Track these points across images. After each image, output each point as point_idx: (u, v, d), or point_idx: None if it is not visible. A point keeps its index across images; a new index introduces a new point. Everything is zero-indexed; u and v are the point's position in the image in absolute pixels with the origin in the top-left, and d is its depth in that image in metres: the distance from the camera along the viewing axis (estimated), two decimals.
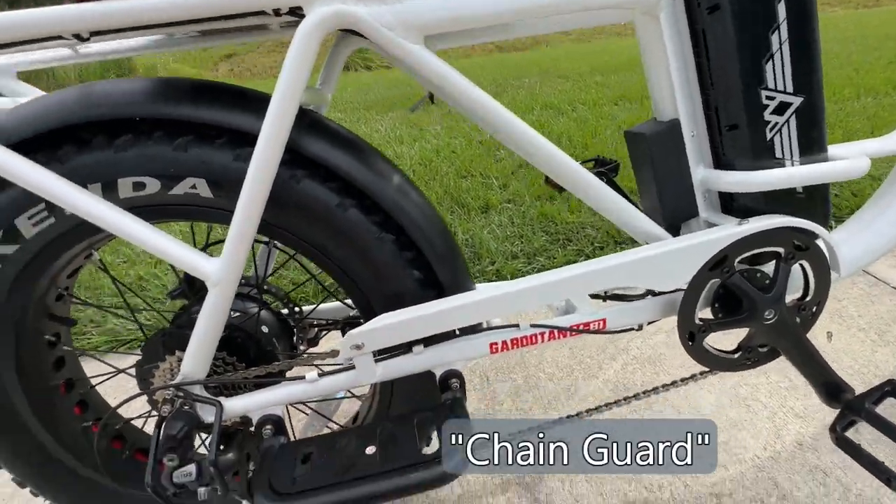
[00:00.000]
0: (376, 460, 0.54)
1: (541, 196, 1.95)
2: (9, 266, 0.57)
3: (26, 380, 0.65)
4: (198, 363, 0.58)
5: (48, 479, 0.70)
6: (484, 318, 0.61)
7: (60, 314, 0.68)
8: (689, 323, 0.66)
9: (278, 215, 0.57)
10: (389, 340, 0.59)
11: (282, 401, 0.60)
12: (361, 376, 0.61)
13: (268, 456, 0.58)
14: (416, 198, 0.63)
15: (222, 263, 0.53)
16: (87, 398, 0.74)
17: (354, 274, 0.62)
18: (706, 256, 0.62)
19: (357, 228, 0.60)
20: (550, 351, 1.22)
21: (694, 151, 0.64)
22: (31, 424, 0.67)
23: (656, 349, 1.18)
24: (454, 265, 0.65)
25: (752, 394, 1.02)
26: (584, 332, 0.67)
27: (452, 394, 0.63)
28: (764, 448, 0.90)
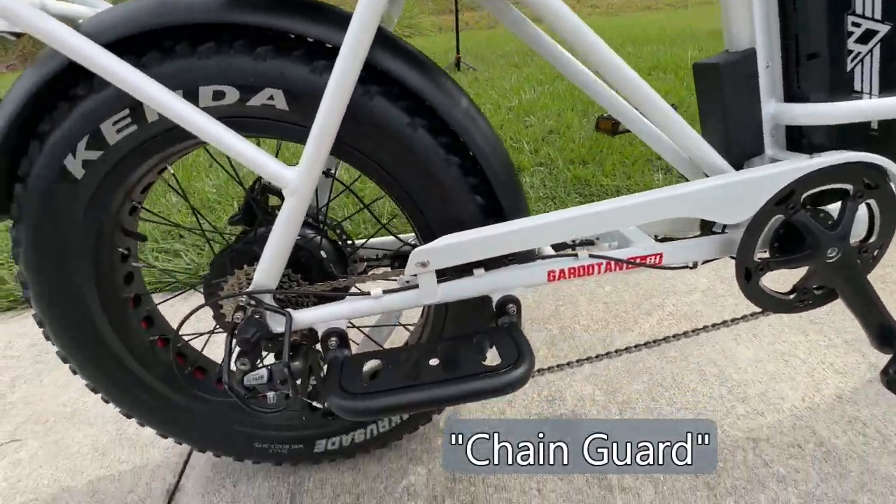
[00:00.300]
0: (440, 371, 0.57)
1: (573, 160, 1.93)
2: (92, 172, 0.59)
3: (103, 291, 0.68)
4: (270, 274, 0.60)
5: (119, 387, 0.74)
6: (544, 242, 0.62)
7: (132, 229, 0.70)
8: (747, 260, 0.66)
9: (350, 131, 0.58)
10: (453, 260, 0.60)
11: (347, 315, 0.63)
12: (423, 296, 0.62)
13: (334, 365, 0.60)
14: (483, 124, 0.63)
15: (300, 172, 0.54)
16: (152, 315, 0.78)
17: (418, 196, 0.63)
18: (773, 190, 0.61)
19: (425, 149, 0.60)
20: (585, 305, 1.23)
21: (767, 84, 0.63)
22: (106, 335, 0.70)
23: (693, 307, 1.18)
24: (516, 194, 0.65)
25: (790, 350, 1.02)
26: (641, 266, 0.67)
27: (509, 318, 0.65)
28: (802, 399, 0.91)
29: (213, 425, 0.80)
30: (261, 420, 0.80)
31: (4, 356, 1.30)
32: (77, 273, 0.65)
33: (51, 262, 0.64)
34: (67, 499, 0.88)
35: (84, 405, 1.09)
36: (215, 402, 0.79)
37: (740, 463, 0.81)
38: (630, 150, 1.97)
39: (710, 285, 1.25)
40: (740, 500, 0.75)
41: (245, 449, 0.82)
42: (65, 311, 0.67)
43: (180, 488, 0.87)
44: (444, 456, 0.74)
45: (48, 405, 1.11)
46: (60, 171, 0.58)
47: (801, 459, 0.80)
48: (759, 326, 1.09)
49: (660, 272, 1.32)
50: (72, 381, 1.17)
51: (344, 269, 0.79)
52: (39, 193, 0.59)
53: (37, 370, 1.23)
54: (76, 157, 0.58)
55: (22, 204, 0.60)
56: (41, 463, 0.96)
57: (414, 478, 0.84)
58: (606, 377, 1.00)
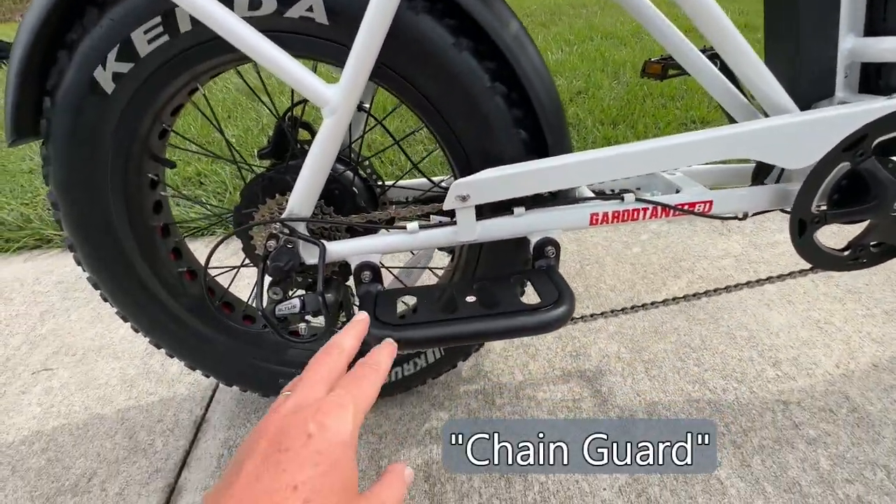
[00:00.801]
0: (479, 307, 0.55)
1: (603, 121, 1.85)
2: (123, 87, 0.57)
3: (132, 217, 0.67)
4: (304, 201, 0.58)
5: (148, 315, 0.74)
6: (592, 179, 0.58)
7: (161, 154, 0.69)
8: (804, 211, 0.62)
9: (391, 51, 0.54)
10: (495, 194, 0.58)
11: (381, 248, 0.61)
12: (461, 233, 0.60)
13: (367, 298, 0.59)
14: (533, 51, 0.59)
15: (340, 90, 0.51)
16: (180, 247, 0.77)
17: (459, 127, 0.60)
18: (844, 133, 0.57)
19: (469, 73, 0.57)
20: (612, 265, 1.20)
21: (848, 16, 0.58)
22: (136, 262, 0.70)
23: (724, 271, 1.14)
24: (562, 129, 0.62)
25: (826, 318, 0.99)
26: (689, 214, 0.64)
27: (547, 261, 0.63)
28: (836, 366, 0.88)
29: (240, 360, 0.80)
30: (285, 357, 0.80)
31: (33, 291, 1.33)
32: (106, 195, 0.64)
33: (80, 183, 0.63)
34: (98, 425, 0.91)
35: (111, 340, 1.11)
36: (242, 336, 0.79)
37: (769, 423, 0.79)
38: (663, 114, 1.88)
39: (742, 251, 1.21)
40: (768, 459, 0.74)
41: (270, 385, 0.82)
42: (94, 236, 0.67)
43: (207, 420, 0.89)
44: (443, 456, 0.76)
45: (77, 338, 1.13)
46: (90, 84, 0.56)
47: (832, 423, 0.78)
48: (793, 293, 1.05)
49: (691, 232, 1.28)
50: (99, 316, 1.19)
51: (374, 208, 0.77)
52: (68, 108, 0.57)
53: (65, 306, 1.25)
54: (106, 68, 0.55)
55: (51, 119, 0.59)
56: (72, 391, 0.99)
57: (436, 422, 0.85)
58: (632, 335, 0.98)
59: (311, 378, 0.34)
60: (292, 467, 0.28)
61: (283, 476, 0.27)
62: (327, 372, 0.35)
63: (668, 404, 0.84)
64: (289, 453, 0.28)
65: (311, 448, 0.29)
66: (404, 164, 1.68)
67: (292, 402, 0.32)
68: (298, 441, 0.29)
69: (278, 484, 0.27)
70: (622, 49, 2.82)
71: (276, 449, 0.29)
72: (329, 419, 0.30)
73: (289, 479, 0.27)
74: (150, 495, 0.77)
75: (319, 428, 0.30)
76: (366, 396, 0.34)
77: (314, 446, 0.29)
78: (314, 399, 0.32)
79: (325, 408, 0.31)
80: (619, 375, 0.90)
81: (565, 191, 0.66)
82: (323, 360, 0.36)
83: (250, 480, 0.27)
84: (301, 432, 0.29)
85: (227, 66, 0.60)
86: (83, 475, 0.82)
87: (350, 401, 0.32)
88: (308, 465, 0.28)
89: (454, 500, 0.72)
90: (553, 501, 0.71)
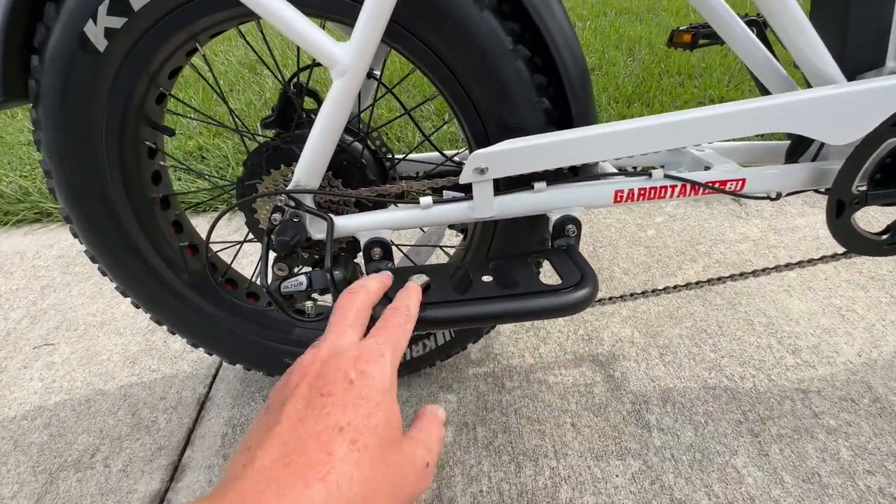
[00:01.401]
0: (496, 287, 0.52)
1: (618, 99, 1.79)
2: (117, 43, 0.52)
3: (129, 187, 0.64)
4: (311, 172, 0.54)
5: (148, 291, 0.71)
6: (618, 154, 0.54)
7: (159, 121, 0.65)
8: (844, 190, 0.58)
9: (406, 6, 0.50)
10: (515, 167, 0.54)
11: (391, 224, 0.57)
12: (478, 209, 0.57)
13: None
14: (560, 12, 0.54)
15: (351, 49, 0.47)
16: (181, 220, 0.74)
17: (476, 93, 0.55)
18: (894, 107, 0.52)
19: (490, 34, 0.52)
20: (626, 248, 1.16)
21: None
22: (134, 234, 0.67)
23: (742, 255, 1.11)
24: (588, 97, 0.57)
25: (848, 305, 0.95)
26: (719, 192, 0.60)
27: (567, 240, 0.59)
28: (858, 355, 0.85)
29: (243, 338, 0.78)
30: (289, 335, 0.78)
31: (34, 265, 1.30)
32: (101, 163, 0.60)
33: (73, 149, 0.59)
34: (101, 401, 0.89)
35: (112, 316, 1.09)
36: (245, 314, 0.77)
37: (787, 412, 0.77)
38: (680, 92, 1.81)
39: (761, 235, 1.17)
40: (786, 449, 0.72)
41: (274, 363, 0.80)
42: (89, 206, 0.63)
43: (210, 398, 0.88)
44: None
45: (78, 314, 1.11)
46: (80, 41, 0.52)
47: (853, 413, 0.76)
48: (814, 279, 1.02)
49: (708, 214, 1.24)
50: (100, 292, 1.17)
51: (383, 182, 0.73)
52: (58, 67, 0.53)
53: (65, 280, 1.23)
54: (97, 23, 0.51)
55: (40, 79, 0.55)
56: (74, 367, 0.97)
57: (444, 404, 0.83)
58: (646, 320, 0.95)
59: (340, 324, 0.35)
60: (336, 410, 0.28)
61: (328, 418, 0.27)
62: (354, 315, 0.36)
63: (683, 391, 0.81)
64: (332, 397, 0.29)
65: (353, 393, 0.29)
66: (411, 141, 1.63)
67: (327, 347, 0.32)
68: (340, 386, 0.29)
69: (323, 425, 0.27)
70: (637, 25, 2.71)
71: (318, 393, 0.29)
72: (369, 366, 0.31)
73: (333, 421, 0.27)
74: (154, 472, 0.76)
75: (360, 375, 0.30)
76: (400, 342, 0.35)
77: (356, 391, 0.29)
78: (349, 344, 0.33)
79: (364, 356, 0.31)
80: (633, 360, 0.87)
81: (587, 166, 0.62)
82: (349, 303, 0.37)
83: (293, 423, 0.27)
84: (342, 378, 0.30)
85: (227, 24, 0.56)
86: (86, 451, 0.81)
87: (388, 349, 0.32)
88: (351, 408, 0.28)
89: (462, 484, 0.71)
90: (564, 487, 0.69)
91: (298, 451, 0.26)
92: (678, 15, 2.86)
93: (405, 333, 0.36)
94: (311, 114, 0.67)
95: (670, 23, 2.65)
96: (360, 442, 0.27)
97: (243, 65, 2.47)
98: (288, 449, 0.26)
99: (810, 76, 0.56)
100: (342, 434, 0.27)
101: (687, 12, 2.95)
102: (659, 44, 2.33)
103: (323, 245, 0.61)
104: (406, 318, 0.37)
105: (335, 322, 0.35)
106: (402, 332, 0.36)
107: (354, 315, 0.36)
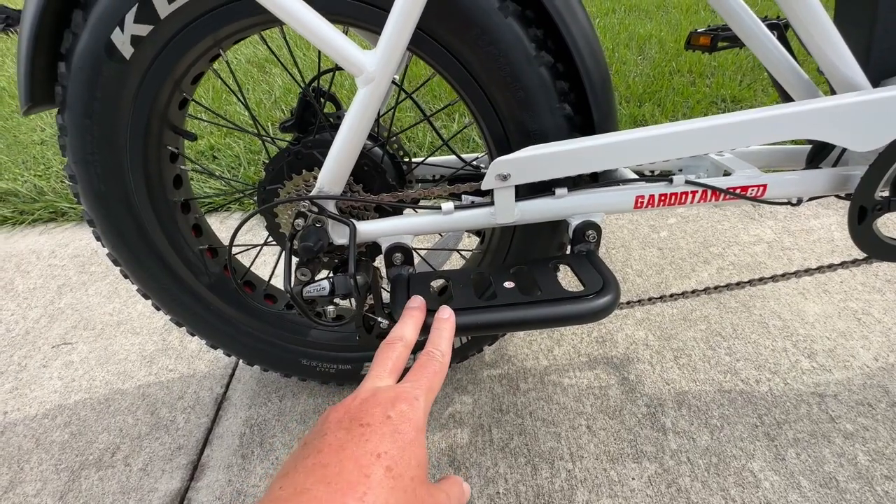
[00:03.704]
0: (518, 294, 0.52)
1: (628, 99, 1.78)
2: (143, 50, 0.53)
3: (152, 191, 0.64)
4: (334, 178, 0.55)
5: (169, 293, 0.72)
6: (641, 160, 0.54)
7: (181, 126, 0.65)
8: (866, 196, 0.58)
9: (431, 13, 0.50)
10: (538, 174, 0.54)
11: (413, 230, 0.58)
12: (499, 214, 0.57)
13: (399, 282, 0.56)
14: (583, 17, 0.54)
15: (377, 57, 0.47)
16: (200, 223, 0.74)
17: (498, 99, 0.55)
18: None
19: (513, 41, 0.52)
20: (638, 249, 1.16)
21: None
22: (156, 238, 0.67)
23: (756, 258, 1.10)
24: (610, 105, 0.57)
25: (864, 308, 0.95)
26: (740, 198, 0.60)
27: (587, 246, 0.59)
28: (875, 359, 0.85)
29: (261, 340, 0.78)
30: (307, 337, 0.79)
31: (50, 265, 1.32)
32: (125, 168, 0.61)
33: (98, 155, 0.60)
34: (120, 400, 0.90)
35: (129, 316, 1.11)
36: (263, 316, 0.77)
37: (804, 416, 0.77)
38: (692, 91, 1.80)
39: (775, 237, 1.16)
40: (803, 453, 0.72)
41: (291, 365, 0.81)
42: (113, 210, 0.64)
43: (227, 398, 0.89)
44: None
45: (95, 313, 1.12)
46: (107, 48, 0.52)
47: (871, 418, 0.76)
48: (829, 282, 1.01)
49: (721, 216, 1.24)
50: (116, 291, 1.19)
51: (401, 186, 0.73)
52: (84, 74, 0.54)
53: (81, 280, 1.24)
54: (124, 31, 0.52)
55: (66, 86, 0.55)
56: (92, 366, 0.98)
57: (460, 406, 0.83)
58: (660, 323, 0.96)
59: (379, 371, 0.38)
60: (374, 438, 0.30)
61: (367, 444, 0.29)
62: (392, 364, 0.39)
63: (698, 394, 0.82)
64: (371, 427, 0.31)
65: (389, 426, 0.31)
66: (423, 142, 1.63)
67: (366, 389, 0.35)
68: (378, 419, 0.31)
69: (362, 451, 0.29)
70: (647, 23, 2.69)
71: (358, 423, 0.31)
72: (405, 406, 0.33)
73: (372, 448, 0.29)
74: (174, 472, 0.77)
75: (397, 413, 0.32)
76: (433, 387, 0.37)
77: (392, 426, 0.31)
78: (387, 387, 0.35)
79: (402, 396, 0.34)
80: (647, 363, 0.88)
81: (607, 171, 0.62)
82: (387, 354, 0.40)
83: (334, 449, 0.29)
84: (381, 412, 0.32)
85: (252, 30, 0.56)
86: (107, 449, 0.82)
87: (421, 393, 0.35)
88: (388, 439, 0.30)
89: (479, 486, 0.71)
90: (581, 489, 0.69)
91: (338, 472, 0.27)
92: (688, 12, 2.83)
93: (439, 379, 0.38)
94: (331, 118, 0.67)
95: (680, 20, 2.63)
96: (395, 471, 0.29)
97: (252, 63, 2.48)
98: (328, 471, 0.28)
99: (834, 81, 0.56)
100: (379, 460, 0.29)
101: (697, 9, 2.93)
102: (669, 42, 2.31)
103: (343, 250, 0.62)
104: (440, 365, 0.39)
105: (375, 369, 0.38)
106: (436, 378, 0.38)
107: (392, 364, 0.39)
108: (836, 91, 0.57)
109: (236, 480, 0.75)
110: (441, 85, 1.97)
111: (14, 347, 1.05)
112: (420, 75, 2.10)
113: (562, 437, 0.77)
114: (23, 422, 0.88)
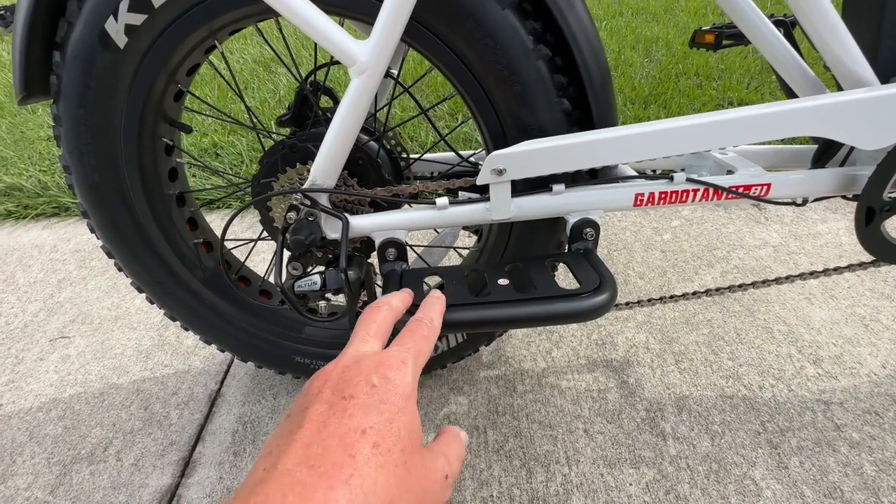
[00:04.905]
0: (513, 291, 0.51)
1: (634, 101, 1.76)
2: (137, 40, 0.53)
3: (147, 184, 0.64)
4: (327, 171, 0.54)
5: (163, 286, 0.72)
6: (641, 156, 0.53)
7: (176, 118, 0.65)
8: (874, 197, 0.56)
9: (425, 5, 0.49)
10: (535, 169, 0.53)
11: (407, 224, 0.57)
12: (495, 210, 0.56)
13: (391, 278, 0.55)
14: (582, 10, 0.53)
15: (370, 47, 0.46)
16: (196, 217, 0.74)
17: (495, 93, 0.54)
18: None
19: (510, 33, 0.51)
20: (641, 251, 1.15)
21: None
22: (150, 231, 0.67)
23: (761, 262, 1.08)
24: (609, 100, 0.56)
25: (872, 314, 0.93)
26: (743, 197, 0.58)
27: (585, 244, 0.58)
28: (883, 366, 0.83)
29: (255, 336, 0.78)
30: (301, 334, 0.78)
31: (51, 259, 1.32)
32: (119, 160, 0.60)
33: (92, 146, 0.59)
34: (114, 394, 0.90)
35: (126, 311, 1.10)
36: (258, 312, 0.77)
37: (808, 424, 0.75)
38: (698, 94, 1.78)
39: (781, 241, 1.14)
40: (807, 462, 0.70)
41: (286, 362, 0.80)
42: (107, 202, 0.64)
43: (221, 395, 0.88)
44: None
45: (93, 307, 1.12)
46: (101, 38, 0.52)
47: (877, 427, 0.74)
48: (836, 287, 0.99)
49: (726, 219, 1.22)
50: (115, 286, 1.19)
51: (398, 182, 0.72)
52: (78, 63, 0.54)
53: (81, 275, 1.25)
54: (118, 20, 0.51)
55: (61, 75, 0.55)
56: (88, 360, 0.98)
57: (455, 406, 0.82)
58: (662, 326, 0.94)
59: (363, 335, 0.35)
60: (358, 412, 0.28)
61: (351, 420, 0.27)
62: (376, 327, 0.36)
63: (699, 399, 0.80)
64: (354, 400, 0.28)
65: (375, 397, 0.29)
66: (423, 139, 1.63)
67: (349, 354, 0.33)
68: (362, 389, 0.29)
69: (346, 427, 0.27)
70: (654, 25, 2.68)
71: (341, 396, 0.29)
72: (391, 372, 0.30)
73: (356, 424, 0.27)
74: (165, 467, 0.76)
75: (382, 380, 0.30)
76: (422, 352, 0.34)
77: (378, 395, 0.29)
78: (372, 352, 0.33)
79: (387, 362, 0.31)
80: (648, 367, 0.86)
81: (607, 168, 0.61)
82: (372, 316, 0.37)
83: (317, 426, 0.27)
84: (365, 381, 0.30)
85: (247, 21, 0.55)
86: (99, 444, 0.81)
87: (410, 357, 0.32)
88: (373, 411, 0.28)
89: (473, 488, 0.70)
90: (576, 494, 0.68)
91: (321, 453, 0.26)
92: (696, 15, 2.81)
93: (428, 344, 0.36)
94: (327, 112, 0.66)
95: (688, 23, 2.61)
96: (383, 446, 0.27)
97: (258, 62, 2.49)
98: (311, 451, 0.26)
99: (842, 78, 0.54)
100: (365, 437, 0.27)
101: (706, 13, 2.91)
102: (676, 45, 2.29)
103: (337, 244, 0.61)
104: (429, 330, 0.37)
105: (358, 332, 0.36)
106: (425, 343, 0.36)
107: (377, 327, 0.36)
108: (843, 88, 0.55)
109: (227, 478, 0.74)
110: (445, 84, 1.96)
111: (12, 340, 1.05)
112: (421, 72, 2.09)
113: (558, 440, 0.75)
114: (17, 414, 0.88)
